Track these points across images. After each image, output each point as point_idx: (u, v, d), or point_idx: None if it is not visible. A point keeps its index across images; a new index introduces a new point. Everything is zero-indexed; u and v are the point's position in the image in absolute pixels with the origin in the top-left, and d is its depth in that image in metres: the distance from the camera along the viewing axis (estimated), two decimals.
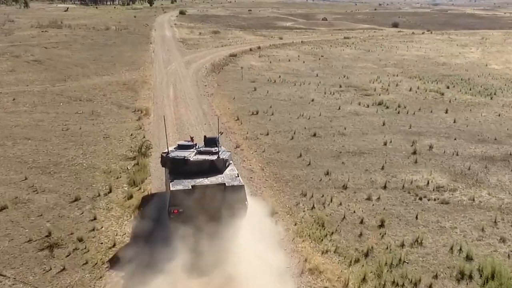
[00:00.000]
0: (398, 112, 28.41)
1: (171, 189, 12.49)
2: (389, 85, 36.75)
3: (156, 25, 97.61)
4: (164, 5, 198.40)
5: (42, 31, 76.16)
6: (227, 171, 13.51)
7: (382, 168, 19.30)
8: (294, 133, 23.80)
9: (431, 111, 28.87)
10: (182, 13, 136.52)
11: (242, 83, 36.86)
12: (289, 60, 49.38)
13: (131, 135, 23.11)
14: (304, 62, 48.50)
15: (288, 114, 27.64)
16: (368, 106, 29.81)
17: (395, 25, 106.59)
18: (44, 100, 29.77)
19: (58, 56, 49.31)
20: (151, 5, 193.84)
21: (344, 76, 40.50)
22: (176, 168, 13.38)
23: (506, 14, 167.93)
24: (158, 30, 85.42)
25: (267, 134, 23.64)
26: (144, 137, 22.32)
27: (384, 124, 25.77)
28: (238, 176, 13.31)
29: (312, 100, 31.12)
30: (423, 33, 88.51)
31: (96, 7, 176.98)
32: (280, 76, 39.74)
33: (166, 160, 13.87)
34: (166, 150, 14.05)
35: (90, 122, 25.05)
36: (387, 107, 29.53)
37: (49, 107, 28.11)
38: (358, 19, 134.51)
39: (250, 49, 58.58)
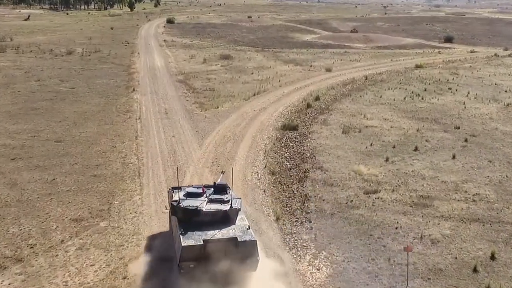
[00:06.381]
0: None
1: (182, 244, 11.93)
2: None
3: (140, 43, 71.80)
4: (146, 10, 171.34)
5: None
6: (237, 221, 12.96)
7: None
8: None
9: None
10: (170, 21, 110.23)
11: None
12: (417, 149, 24.34)
13: None
14: (453, 156, 23.54)
15: None
16: None
17: (449, 40, 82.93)
18: None
19: None
20: (131, 10, 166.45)
21: None
22: (187, 218, 12.80)
23: None
24: (144, 53, 59.88)
25: None
26: None
27: None
28: (249, 228, 12.69)
29: None
30: (509, 55, 64.79)
31: (67, 13, 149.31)
32: (483, 264, 14.91)
33: (177, 210, 13.16)
34: (177, 199, 13.27)
35: None
36: None
37: None
38: (383, 28, 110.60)
39: (308, 105, 33.76)
